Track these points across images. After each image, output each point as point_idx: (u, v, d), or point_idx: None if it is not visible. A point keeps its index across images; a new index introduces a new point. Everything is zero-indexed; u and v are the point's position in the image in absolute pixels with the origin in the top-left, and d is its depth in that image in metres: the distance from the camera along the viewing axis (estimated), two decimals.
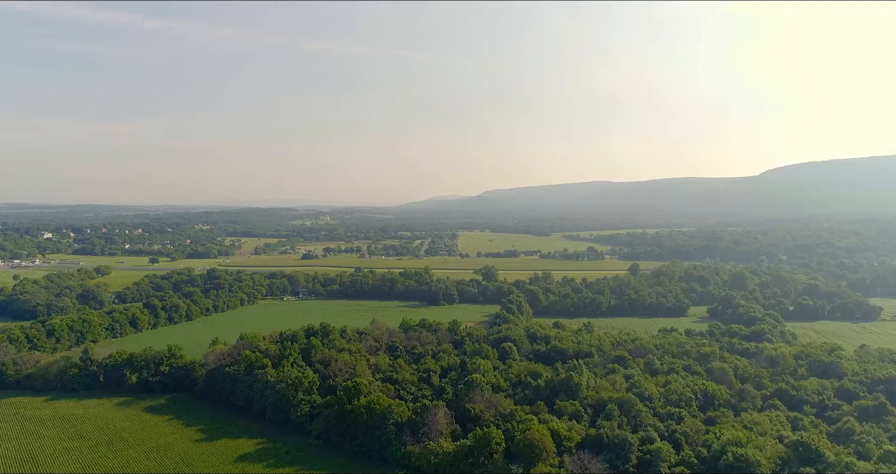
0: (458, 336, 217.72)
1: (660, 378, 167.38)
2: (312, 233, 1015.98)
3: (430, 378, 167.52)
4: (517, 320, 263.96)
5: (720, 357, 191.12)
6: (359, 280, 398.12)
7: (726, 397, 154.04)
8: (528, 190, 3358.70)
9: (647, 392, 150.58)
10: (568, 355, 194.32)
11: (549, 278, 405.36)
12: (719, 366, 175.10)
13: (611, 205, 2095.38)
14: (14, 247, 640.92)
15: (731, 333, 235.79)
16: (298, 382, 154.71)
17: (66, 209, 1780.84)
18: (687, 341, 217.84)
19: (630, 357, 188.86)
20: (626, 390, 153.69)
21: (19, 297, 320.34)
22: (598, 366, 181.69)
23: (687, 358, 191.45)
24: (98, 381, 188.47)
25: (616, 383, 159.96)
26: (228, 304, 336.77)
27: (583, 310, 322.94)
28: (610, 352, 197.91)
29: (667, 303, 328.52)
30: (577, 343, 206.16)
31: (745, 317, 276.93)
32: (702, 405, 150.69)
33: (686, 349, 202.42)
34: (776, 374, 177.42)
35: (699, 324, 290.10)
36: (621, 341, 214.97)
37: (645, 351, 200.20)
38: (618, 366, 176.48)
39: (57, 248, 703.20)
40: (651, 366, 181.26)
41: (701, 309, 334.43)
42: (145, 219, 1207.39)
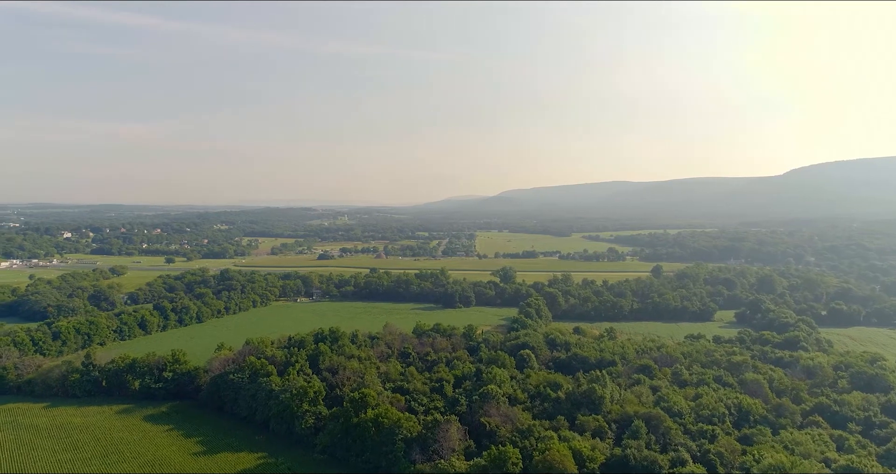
0: (473, 342, 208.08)
1: (689, 390, 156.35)
2: (330, 233, 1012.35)
3: (442, 388, 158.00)
4: (535, 325, 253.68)
5: (753, 367, 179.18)
6: (373, 281, 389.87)
7: (762, 412, 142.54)
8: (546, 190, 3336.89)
9: (676, 406, 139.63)
10: (589, 364, 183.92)
11: (568, 280, 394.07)
12: (753, 378, 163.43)
13: (630, 206, 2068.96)
14: (32, 246, 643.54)
15: (763, 341, 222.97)
16: (303, 392, 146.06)
17: (88, 209, 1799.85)
18: (716, 349, 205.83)
19: (656, 366, 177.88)
20: (654, 404, 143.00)
21: (30, 298, 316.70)
22: (622, 377, 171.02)
23: (717, 367, 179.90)
24: (100, 387, 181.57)
25: (642, 396, 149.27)
26: (240, 306, 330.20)
27: (604, 313, 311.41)
28: (634, 360, 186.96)
29: (692, 307, 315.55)
30: (600, 350, 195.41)
31: (776, 322, 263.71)
32: (736, 421, 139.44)
33: (715, 358, 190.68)
34: (815, 387, 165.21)
35: (727, 329, 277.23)
36: (646, 349, 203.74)
37: (671, 359, 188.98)
38: (643, 377, 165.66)
39: (75, 248, 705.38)
40: (679, 377, 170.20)
41: (727, 313, 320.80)
42: (165, 219, 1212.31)
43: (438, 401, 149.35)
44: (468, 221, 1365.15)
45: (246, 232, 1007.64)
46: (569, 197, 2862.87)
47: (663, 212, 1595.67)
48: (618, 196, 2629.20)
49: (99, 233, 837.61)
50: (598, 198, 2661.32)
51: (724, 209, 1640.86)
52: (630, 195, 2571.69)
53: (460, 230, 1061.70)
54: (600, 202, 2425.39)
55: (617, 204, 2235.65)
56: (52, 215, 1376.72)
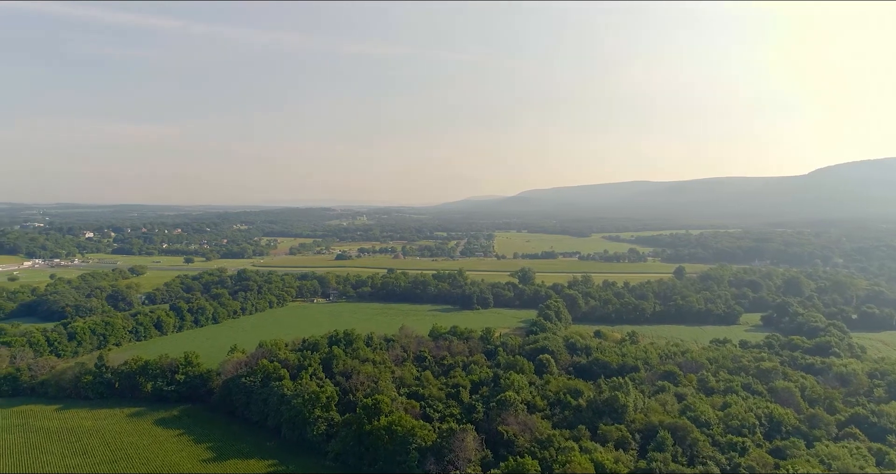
0: (491, 345, 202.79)
1: (716, 398, 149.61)
2: (348, 233, 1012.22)
3: (459, 394, 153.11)
4: (555, 328, 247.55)
5: (783, 374, 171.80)
6: (390, 282, 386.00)
7: (794, 423, 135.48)
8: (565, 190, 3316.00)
9: (703, 416, 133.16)
10: (611, 369, 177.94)
11: (588, 282, 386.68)
12: (784, 386, 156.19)
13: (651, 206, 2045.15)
14: (55, 246, 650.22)
15: (793, 346, 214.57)
16: (316, 397, 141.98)
17: (111, 209, 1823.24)
18: (743, 354, 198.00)
19: (681, 372, 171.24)
20: (679, 413, 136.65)
21: (49, 298, 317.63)
22: (646, 383, 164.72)
23: (745, 374, 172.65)
24: (113, 389, 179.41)
25: (667, 404, 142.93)
26: (257, 307, 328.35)
27: (625, 316, 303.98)
28: (658, 366, 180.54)
29: (716, 310, 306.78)
30: (622, 355, 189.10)
31: (805, 326, 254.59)
32: (767, 432, 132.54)
33: (743, 364, 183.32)
34: (849, 395, 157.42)
35: (753, 333, 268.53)
36: (670, 353, 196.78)
37: (697, 365, 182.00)
38: (668, 384, 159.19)
39: (97, 248, 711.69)
40: (705, 384, 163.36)
41: (753, 316, 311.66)
42: (186, 219, 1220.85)
43: (454, 408, 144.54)
44: (487, 221, 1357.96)
45: (265, 232, 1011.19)
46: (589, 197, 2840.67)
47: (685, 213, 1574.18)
48: (638, 196, 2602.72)
49: (120, 232, 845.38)
50: (618, 198, 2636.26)
51: (747, 209, 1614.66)
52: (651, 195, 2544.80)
53: (479, 230, 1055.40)
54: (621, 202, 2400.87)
55: (638, 204, 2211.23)
56: (77, 215, 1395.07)
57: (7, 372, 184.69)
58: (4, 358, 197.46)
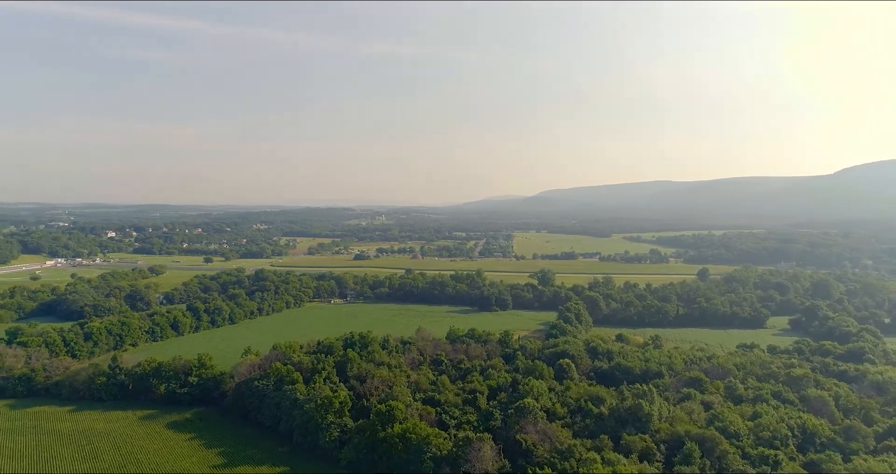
0: (509, 349, 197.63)
1: (745, 407, 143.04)
2: (367, 233, 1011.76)
3: (476, 400, 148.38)
4: (575, 331, 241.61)
5: (815, 381, 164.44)
6: (408, 283, 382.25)
7: (829, 434, 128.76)
8: (585, 190, 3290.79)
9: (732, 426, 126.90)
10: (634, 375, 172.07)
11: (609, 283, 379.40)
12: (817, 394, 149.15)
13: (672, 206, 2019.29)
14: (77, 245, 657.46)
15: (824, 351, 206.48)
16: (328, 403, 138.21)
17: (135, 209, 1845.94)
18: (772, 360, 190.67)
19: (707, 379, 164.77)
20: (707, 423, 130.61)
21: (68, 298, 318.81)
22: (670, 390, 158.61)
23: (774, 381, 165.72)
24: (127, 390, 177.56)
25: (693, 413, 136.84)
26: (274, 307, 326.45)
27: (647, 319, 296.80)
28: (682, 372, 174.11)
29: (742, 313, 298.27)
30: (645, 360, 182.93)
31: (836, 331, 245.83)
32: (800, 444, 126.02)
33: (772, 370, 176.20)
34: (886, 405, 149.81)
35: (781, 338, 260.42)
36: (695, 359, 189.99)
37: (724, 371, 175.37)
38: (694, 391, 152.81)
39: (118, 247, 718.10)
40: (733, 392, 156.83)
41: (781, 320, 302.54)
42: (207, 219, 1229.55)
43: (471, 415, 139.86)
44: (506, 221, 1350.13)
45: (285, 231, 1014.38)
46: (609, 197, 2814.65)
47: (707, 213, 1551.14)
48: (659, 196, 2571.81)
49: (142, 232, 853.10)
50: (638, 198, 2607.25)
51: (771, 209, 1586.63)
52: (672, 195, 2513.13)
53: (498, 230, 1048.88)
54: (641, 202, 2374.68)
55: (659, 204, 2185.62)
56: (101, 215, 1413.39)
57: (22, 373, 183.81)
58: (20, 358, 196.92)
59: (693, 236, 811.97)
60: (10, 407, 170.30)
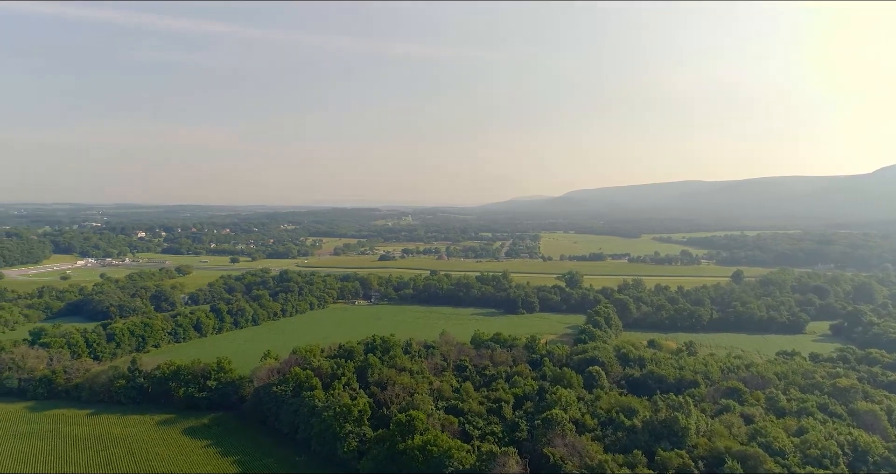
0: (536, 355, 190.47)
1: (789, 421, 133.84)
2: (393, 233, 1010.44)
3: (501, 409, 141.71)
4: (605, 336, 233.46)
5: (863, 393, 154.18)
6: (433, 284, 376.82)
7: (883, 452, 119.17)
8: (613, 190, 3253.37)
9: (776, 442, 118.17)
10: (667, 383, 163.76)
11: (640, 285, 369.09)
12: (867, 408, 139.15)
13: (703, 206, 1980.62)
14: (107, 246, 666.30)
15: (871, 360, 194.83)
16: (347, 411, 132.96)
17: (166, 209, 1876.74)
18: (815, 369, 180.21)
19: (746, 389, 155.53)
20: (748, 438, 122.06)
21: (94, 298, 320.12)
22: (707, 400, 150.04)
23: (819, 392, 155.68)
24: (146, 394, 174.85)
25: (733, 427, 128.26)
26: (297, 308, 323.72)
27: (680, 323, 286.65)
28: (720, 381, 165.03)
29: (779, 318, 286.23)
30: (679, 368, 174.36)
31: (882, 338, 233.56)
32: (851, 463, 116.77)
33: (816, 380, 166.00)
34: None
35: (822, 344, 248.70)
36: (732, 367, 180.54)
37: (763, 381, 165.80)
38: (733, 403, 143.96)
39: (147, 247, 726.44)
40: (775, 404, 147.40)
41: (821, 325, 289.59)
42: (235, 219, 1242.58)
43: (496, 426, 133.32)
44: (533, 222, 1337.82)
45: (311, 232, 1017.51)
46: (637, 197, 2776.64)
47: (739, 213, 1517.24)
48: (689, 196, 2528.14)
49: (171, 232, 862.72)
50: (667, 198, 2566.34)
51: (806, 210, 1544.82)
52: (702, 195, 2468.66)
53: (524, 231, 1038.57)
54: (671, 202, 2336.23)
55: (689, 204, 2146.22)
56: (133, 215, 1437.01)
57: (43, 375, 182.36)
58: (42, 359, 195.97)
59: (725, 237, 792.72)
60: (30, 409, 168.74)
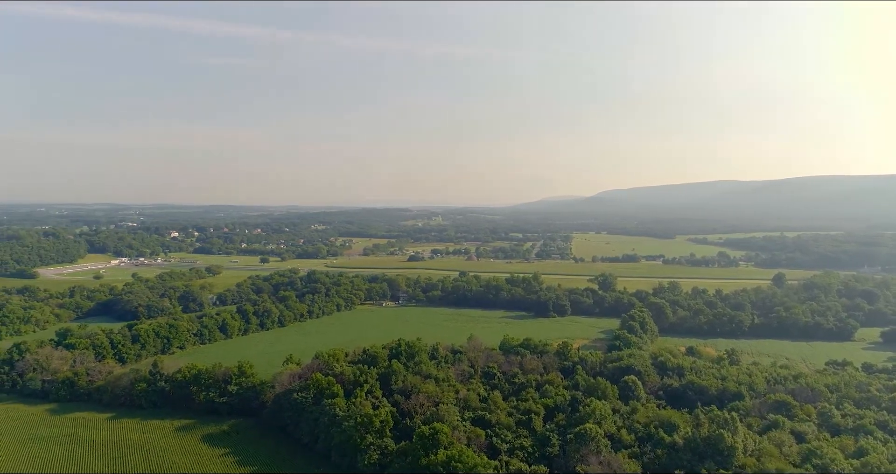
0: (568, 362, 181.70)
1: (845, 440, 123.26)
2: (422, 233, 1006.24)
3: (531, 421, 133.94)
4: (640, 342, 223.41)
5: None
6: (461, 286, 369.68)
7: None
8: (646, 190, 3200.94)
9: (833, 465, 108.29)
10: (709, 395, 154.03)
11: (676, 288, 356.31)
12: None
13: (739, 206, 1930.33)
14: (140, 245, 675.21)
15: None
16: (369, 421, 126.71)
17: (201, 209, 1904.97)
18: (869, 381, 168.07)
19: (795, 402, 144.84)
20: (801, 459, 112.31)
21: (123, 297, 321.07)
22: (753, 414, 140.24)
23: (876, 407, 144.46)
24: (167, 397, 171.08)
25: (783, 446, 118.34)
26: (324, 310, 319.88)
27: (719, 328, 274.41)
28: (766, 393, 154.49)
29: (826, 324, 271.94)
30: (721, 378, 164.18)
31: None
32: None
33: (872, 394, 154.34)
34: None
35: (874, 352, 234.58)
36: (779, 377, 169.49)
37: (814, 394, 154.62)
38: (782, 418, 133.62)
39: (179, 247, 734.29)
40: (828, 420, 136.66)
41: (871, 332, 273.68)
42: (267, 220, 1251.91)
43: (525, 440, 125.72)
44: (564, 222, 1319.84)
45: (341, 232, 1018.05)
46: (670, 197, 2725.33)
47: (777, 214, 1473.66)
48: (726, 196, 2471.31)
49: (203, 232, 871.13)
50: (702, 198, 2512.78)
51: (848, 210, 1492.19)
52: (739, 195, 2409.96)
53: (555, 231, 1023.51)
54: (705, 203, 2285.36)
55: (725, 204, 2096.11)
56: (168, 215, 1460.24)
57: (65, 377, 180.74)
58: (67, 360, 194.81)
59: (763, 238, 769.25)
60: (51, 412, 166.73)
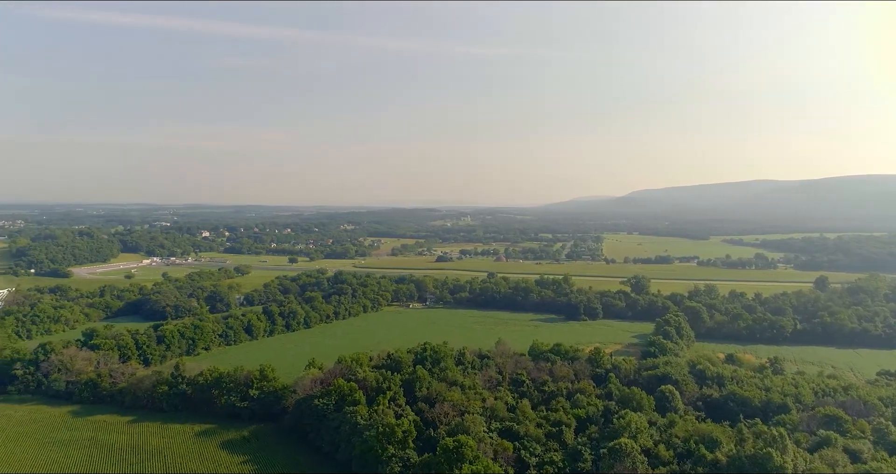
0: (600, 369, 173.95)
1: None
2: (451, 233, 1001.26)
3: (561, 433, 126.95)
4: (676, 348, 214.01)
5: None
6: (490, 288, 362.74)
7: None
8: (678, 189, 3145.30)
9: None
10: (752, 407, 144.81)
11: (712, 292, 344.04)
12: None
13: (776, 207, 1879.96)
14: (172, 245, 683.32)
15: None
16: (391, 431, 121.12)
17: (233, 209, 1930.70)
18: None
19: (848, 417, 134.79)
20: None
21: (152, 297, 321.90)
22: (800, 429, 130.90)
23: None
24: (188, 400, 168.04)
25: (837, 465, 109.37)
26: (350, 311, 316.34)
27: (759, 334, 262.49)
28: (814, 405, 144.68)
29: (874, 330, 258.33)
30: (765, 389, 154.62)
31: None
32: None
33: None
34: None
35: None
36: (828, 389, 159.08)
37: (866, 407, 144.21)
38: (833, 434, 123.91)
39: (210, 247, 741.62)
40: (884, 437, 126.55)
41: None
42: (297, 219, 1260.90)
43: (556, 453, 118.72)
44: (594, 223, 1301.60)
45: (370, 232, 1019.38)
46: (704, 197, 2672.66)
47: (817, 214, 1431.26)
48: (762, 196, 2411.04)
49: (234, 232, 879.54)
50: (737, 198, 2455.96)
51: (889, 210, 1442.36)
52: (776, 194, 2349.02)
53: (586, 232, 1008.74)
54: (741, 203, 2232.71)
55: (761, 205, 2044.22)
56: (200, 215, 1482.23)
57: (89, 378, 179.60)
58: (91, 361, 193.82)
59: (802, 239, 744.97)
60: (73, 414, 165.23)
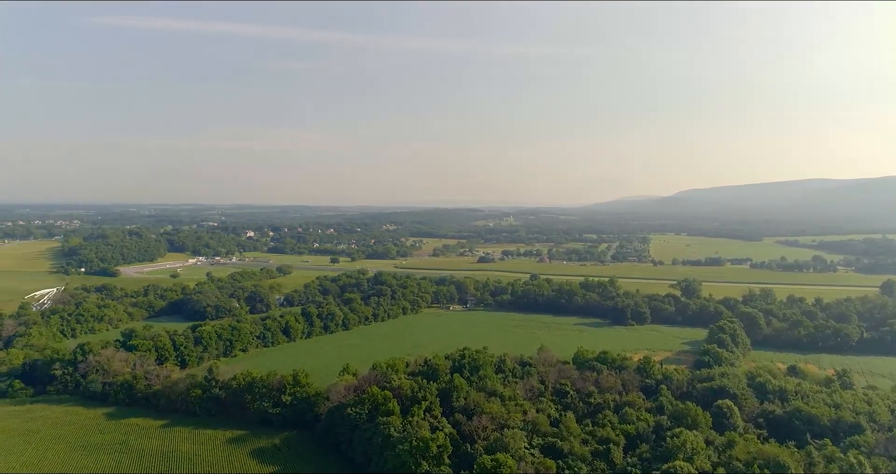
0: (650, 380, 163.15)
1: None
2: (493, 234, 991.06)
3: (609, 452, 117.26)
4: (732, 357, 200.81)
5: None
6: (532, 290, 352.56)
7: None
8: (727, 189, 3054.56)
9: None
10: (820, 426, 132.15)
11: (769, 296, 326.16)
12: None
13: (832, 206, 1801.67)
14: (217, 244, 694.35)
15: None
16: (425, 446, 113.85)
17: (279, 209, 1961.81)
18: None
19: None
20: None
21: (193, 297, 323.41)
22: (877, 452, 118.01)
23: None
24: (222, 405, 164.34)
25: None
26: (389, 313, 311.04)
27: (821, 342, 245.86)
28: (891, 425, 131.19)
29: None
30: (834, 406, 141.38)
31: None
32: None
33: None
34: None
35: None
36: None
37: None
38: None
39: (254, 246, 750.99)
40: None
41: None
42: (340, 220, 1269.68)
43: None
44: (640, 223, 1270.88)
45: (412, 232, 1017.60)
46: (756, 196, 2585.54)
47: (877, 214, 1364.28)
48: (817, 195, 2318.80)
49: (278, 232, 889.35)
50: (789, 198, 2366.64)
51: None
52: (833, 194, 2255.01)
53: (632, 232, 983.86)
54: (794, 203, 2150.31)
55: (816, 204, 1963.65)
56: (247, 215, 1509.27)
57: (124, 380, 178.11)
58: (128, 362, 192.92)
59: (864, 241, 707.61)
60: (107, 416, 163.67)
